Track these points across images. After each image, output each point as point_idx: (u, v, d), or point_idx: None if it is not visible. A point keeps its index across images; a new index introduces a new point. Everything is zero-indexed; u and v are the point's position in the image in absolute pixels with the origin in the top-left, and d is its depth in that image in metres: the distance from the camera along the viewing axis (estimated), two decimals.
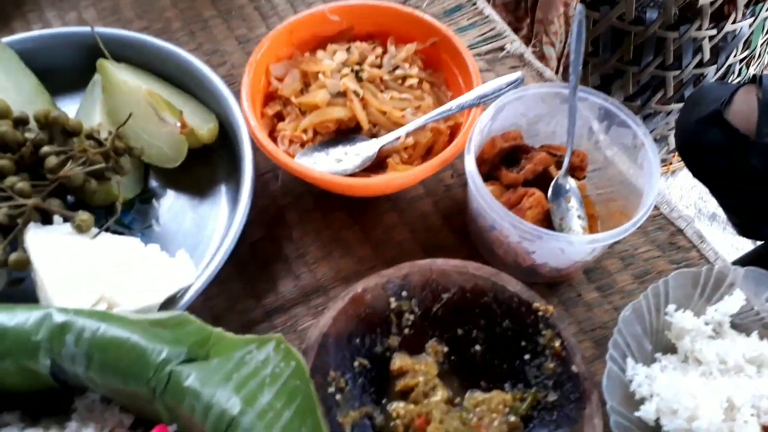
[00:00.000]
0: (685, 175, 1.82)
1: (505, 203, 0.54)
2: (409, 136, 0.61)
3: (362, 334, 0.52)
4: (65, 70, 0.69)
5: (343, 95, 0.62)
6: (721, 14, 1.33)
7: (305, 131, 0.62)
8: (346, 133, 0.63)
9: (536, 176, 0.58)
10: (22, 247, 0.53)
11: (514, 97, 0.58)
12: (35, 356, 0.39)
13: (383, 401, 0.52)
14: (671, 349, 0.54)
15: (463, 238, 0.64)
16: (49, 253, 0.51)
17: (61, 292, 0.49)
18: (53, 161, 0.55)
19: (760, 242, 1.03)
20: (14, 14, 0.81)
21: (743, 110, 0.79)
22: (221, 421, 0.36)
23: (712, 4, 1.29)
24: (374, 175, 0.61)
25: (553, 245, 0.53)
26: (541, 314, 0.52)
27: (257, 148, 0.61)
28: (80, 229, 0.53)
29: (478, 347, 0.54)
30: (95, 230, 0.55)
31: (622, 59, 1.42)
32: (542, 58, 1.32)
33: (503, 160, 0.60)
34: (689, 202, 1.80)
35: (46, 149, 0.55)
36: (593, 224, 0.60)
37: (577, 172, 0.60)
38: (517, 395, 0.52)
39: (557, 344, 0.51)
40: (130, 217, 0.63)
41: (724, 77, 1.47)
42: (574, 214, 0.57)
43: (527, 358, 0.52)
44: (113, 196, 0.59)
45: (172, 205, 0.64)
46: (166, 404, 0.38)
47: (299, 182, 0.66)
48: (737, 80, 1.52)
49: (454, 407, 0.52)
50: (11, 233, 0.53)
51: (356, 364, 0.52)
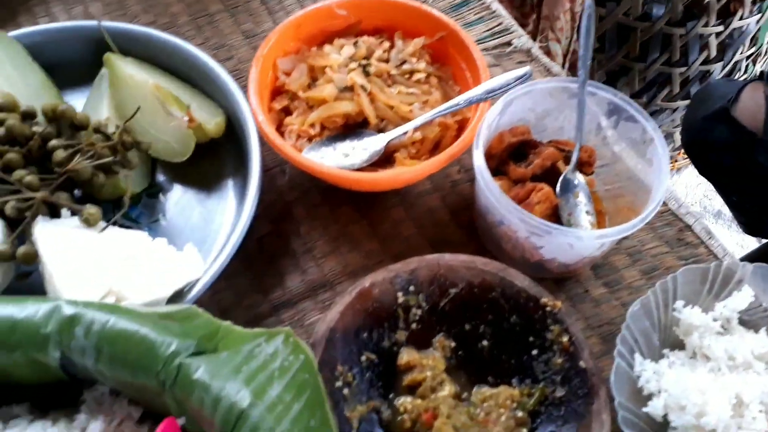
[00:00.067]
0: (690, 172, 1.81)
1: (513, 198, 0.54)
2: (416, 130, 0.61)
3: (370, 328, 0.52)
4: (72, 64, 0.69)
5: (350, 90, 0.62)
6: (727, 11, 1.33)
7: (312, 126, 0.61)
8: (353, 127, 0.63)
9: (544, 171, 0.58)
10: (30, 240, 0.53)
11: (522, 91, 0.58)
12: (45, 348, 0.39)
13: (390, 396, 0.52)
14: (679, 345, 0.53)
15: (470, 233, 0.63)
16: (57, 246, 0.51)
17: (69, 285, 0.49)
18: (61, 155, 0.55)
19: (766, 240, 1.03)
20: (20, 8, 0.81)
21: (750, 107, 0.79)
22: (230, 413, 0.36)
23: (719, 0, 1.29)
24: (382, 169, 0.61)
25: (561, 240, 0.53)
26: (549, 310, 0.51)
27: (264, 142, 0.61)
28: (88, 222, 0.54)
29: (485, 342, 0.53)
30: (103, 224, 0.55)
31: (628, 56, 1.41)
32: (548, 54, 1.32)
33: (511, 155, 0.60)
34: (694, 199, 1.80)
35: (54, 143, 0.55)
36: (601, 220, 0.60)
37: (585, 167, 0.60)
38: (524, 390, 0.51)
39: (565, 340, 0.51)
40: (137, 211, 0.63)
41: (730, 74, 1.47)
42: (582, 209, 0.57)
43: (535, 353, 0.52)
44: (121, 190, 0.59)
45: (179, 199, 0.64)
46: (175, 397, 0.38)
47: (306, 177, 0.66)
48: (744, 77, 1.52)
49: (461, 402, 0.52)
50: (20, 226, 0.53)
51: (363, 358, 0.52)
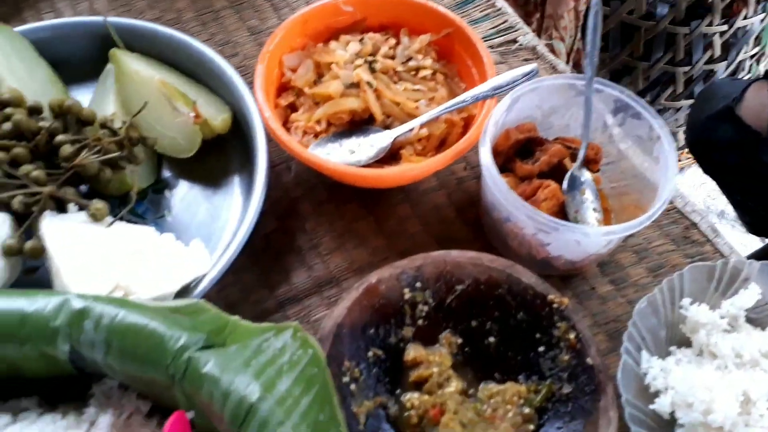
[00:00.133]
0: (693, 172, 1.81)
1: (519, 195, 0.54)
2: (422, 127, 0.61)
3: (376, 324, 0.52)
4: (77, 60, 0.69)
5: (356, 86, 0.62)
6: (731, 10, 1.33)
7: (319, 122, 0.61)
8: (359, 124, 0.63)
9: (551, 168, 0.58)
10: (37, 235, 0.53)
11: (529, 88, 0.58)
12: (54, 342, 0.39)
13: (397, 392, 0.52)
14: (686, 342, 0.53)
15: (476, 230, 0.63)
16: (64, 241, 0.51)
17: (76, 280, 0.49)
18: (68, 150, 0.55)
19: None
20: (25, 4, 0.81)
21: (755, 106, 0.79)
22: (240, 407, 0.36)
23: None
24: (387, 166, 0.60)
25: (568, 237, 0.53)
26: (555, 306, 0.51)
27: (270, 139, 0.61)
28: (95, 217, 0.54)
29: (492, 339, 0.53)
30: (110, 219, 0.55)
31: (631, 55, 1.41)
32: (552, 53, 1.32)
33: (517, 152, 0.60)
34: (698, 199, 1.80)
35: (60, 138, 0.55)
36: (607, 217, 0.60)
37: (591, 164, 0.60)
38: (531, 387, 0.51)
39: (572, 336, 0.50)
40: (143, 206, 0.63)
41: (734, 73, 1.47)
42: (589, 206, 0.57)
43: (542, 350, 0.52)
44: (127, 185, 0.59)
45: (185, 195, 0.64)
46: (184, 391, 0.38)
47: (312, 174, 0.66)
48: (747, 77, 1.52)
49: (468, 398, 0.51)
50: (27, 221, 0.53)
51: (370, 354, 0.52)
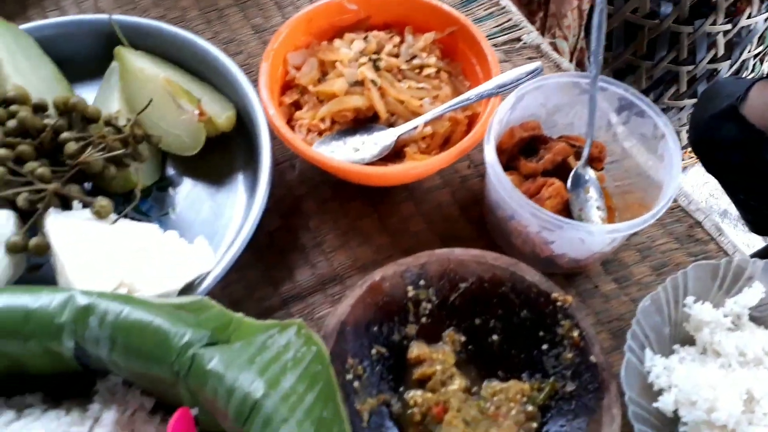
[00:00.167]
0: (696, 171, 1.81)
1: (524, 193, 0.54)
2: (426, 125, 0.60)
3: (380, 322, 0.52)
4: (82, 57, 0.69)
5: (360, 84, 0.62)
6: (736, 9, 1.32)
7: (323, 120, 0.61)
8: (363, 122, 0.63)
9: (555, 167, 0.58)
10: (42, 232, 0.53)
11: (533, 86, 0.58)
12: (59, 338, 0.39)
13: (401, 389, 0.52)
14: (689, 340, 0.53)
15: (480, 229, 0.63)
16: (69, 238, 0.51)
17: (81, 277, 0.49)
18: (73, 147, 0.55)
19: None
20: (30, 2, 0.81)
21: (759, 105, 0.79)
22: (244, 404, 0.36)
23: None
24: (392, 164, 0.60)
25: (573, 235, 0.53)
26: (559, 304, 0.51)
27: (275, 136, 0.61)
28: (99, 214, 0.54)
29: (495, 337, 0.53)
30: (114, 216, 0.55)
31: (635, 54, 1.41)
32: (555, 51, 1.32)
33: (521, 150, 0.60)
34: (700, 198, 1.80)
35: (65, 135, 0.56)
36: (611, 216, 0.60)
37: (595, 163, 0.60)
38: (534, 385, 0.51)
39: (576, 334, 0.50)
40: (147, 204, 0.63)
41: (737, 73, 1.47)
42: (593, 204, 0.57)
43: (545, 348, 0.52)
44: (131, 182, 0.59)
45: (189, 193, 0.64)
46: (189, 387, 0.38)
47: (316, 172, 0.66)
48: (751, 76, 1.51)
49: (471, 396, 0.51)
50: (32, 218, 0.53)
51: (374, 351, 0.52)
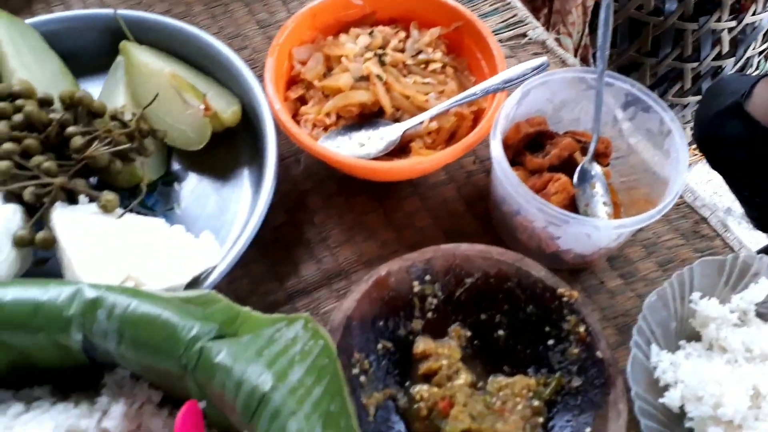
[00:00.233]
0: (699, 169, 1.80)
1: (530, 188, 0.54)
2: (432, 120, 0.60)
3: (386, 317, 0.52)
4: (87, 52, 0.69)
5: (366, 79, 0.62)
6: (740, 6, 1.32)
7: (328, 115, 0.61)
8: (369, 117, 0.63)
9: (561, 162, 0.58)
10: (48, 226, 0.53)
11: (539, 81, 0.57)
12: (67, 331, 0.39)
13: (406, 384, 0.52)
14: (696, 336, 0.53)
15: (485, 224, 0.63)
16: (75, 232, 0.51)
17: (88, 271, 0.49)
18: (79, 141, 0.55)
19: None
20: None
21: (763, 102, 0.79)
22: (252, 397, 0.36)
23: None
24: (397, 159, 0.60)
25: (579, 230, 0.53)
26: (565, 300, 0.51)
27: (280, 132, 0.61)
28: (105, 209, 0.54)
29: (501, 332, 0.53)
30: (120, 210, 0.55)
31: (639, 51, 1.41)
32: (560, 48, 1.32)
33: (527, 145, 0.60)
34: (704, 196, 1.80)
35: (71, 129, 0.56)
36: (617, 211, 0.60)
37: (601, 158, 0.60)
38: (540, 380, 0.51)
39: (582, 330, 0.50)
40: (152, 199, 0.63)
41: (742, 70, 1.46)
42: (599, 200, 0.57)
43: (551, 343, 0.52)
44: (137, 177, 0.59)
45: (194, 188, 0.64)
46: (196, 381, 0.38)
47: (321, 167, 0.66)
48: (756, 73, 1.51)
49: (477, 391, 0.52)
50: (38, 212, 0.53)
51: (380, 346, 0.52)
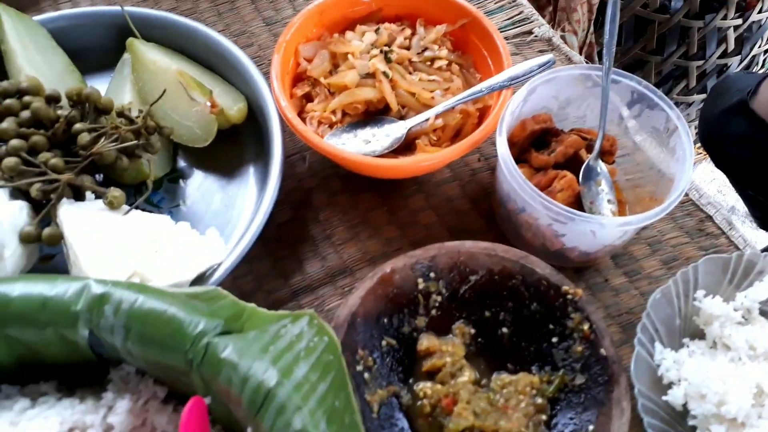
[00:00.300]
0: (704, 168, 1.80)
1: (535, 186, 0.54)
2: (438, 117, 0.60)
3: (390, 314, 0.53)
4: (94, 49, 0.69)
5: (372, 76, 0.62)
6: (746, 4, 1.32)
7: (334, 112, 0.61)
8: (374, 114, 0.63)
9: (566, 159, 0.58)
10: (55, 222, 0.53)
11: (545, 79, 0.57)
12: (74, 326, 0.39)
13: (410, 381, 0.52)
14: (699, 334, 0.53)
15: (490, 222, 0.63)
16: (82, 228, 0.52)
17: (95, 267, 0.49)
18: (86, 138, 0.55)
19: None
20: None
21: None
22: (258, 392, 0.37)
23: None
24: (402, 156, 0.60)
25: (584, 228, 0.53)
26: (569, 297, 0.51)
27: (285, 129, 0.61)
28: (112, 205, 0.54)
29: (505, 330, 0.54)
30: (126, 207, 0.55)
31: (644, 49, 1.40)
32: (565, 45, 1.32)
33: (532, 143, 0.60)
34: (708, 194, 1.79)
35: (78, 126, 0.56)
36: (622, 209, 0.60)
37: (606, 156, 0.60)
38: (544, 377, 0.51)
39: (586, 327, 0.50)
40: (158, 196, 0.63)
41: (747, 68, 1.46)
42: (604, 197, 0.57)
43: (555, 340, 0.52)
44: (143, 174, 0.60)
45: (200, 185, 0.64)
46: (202, 376, 0.39)
47: (326, 164, 0.66)
48: (761, 71, 1.50)
49: (480, 388, 0.52)
50: (45, 208, 0.53)
51: (384, 343, 0.52)
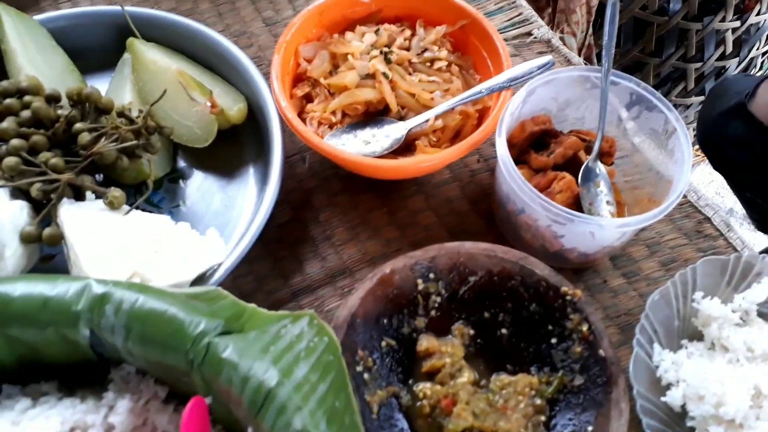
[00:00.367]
0: (701, 170, 1.80)
1: (534, 187, 0.54)
2: (437, 118, 0.61)
3: (389, 314, 0.53)
4: (94, 49, 0.69)
5: (371, 77, 0.62)
6: (744, 6, 1.32)
7: (334, 113, 0.61)
8: (374, 115, 0.63)
9: (565, 161, 0.58)
10: (55, 222, 0.53)
11: (544, 80, 0.58)
12: (76, 326, 0.39)
13: (410, 382, 0.52)
14: (698, 336, 0.54)
15: (489, 223, 0.64)
16: (82, 228, 0.52)
17: (95, 267, 0.49)
18: (86, 137, 0.55)
19: None
20: None
21: (767, 103, 0.78)
22: (258, 392, 0.37)
23: None
24: (402, 157, 0.60)
25: (583, 229, 0.53)
26: (568, 298, 0.51)
27: (285, 129, 0.61)
28: (112, 205, 0.54)
29: (504, 330, 0.54)
30: (126, 207, 0.55)
31: (643, 50, 1.41)
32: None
33: (532, 144, 0.60)
34: (706, 196, 1.80)
35: (79, 126, 0.56)
36: (620, 211, 0.60)
37: (605, 157, 0.60)
38: (543, 378, 0.52)
39: (585, 328, 0.51)
40: (158, 196, 0.63)
41: (745, 70, 1.46)
42: (603, 199, 0.57)
43: (554, 341, 0.52)
44: (144, 174, 0.60)
45: (200, 185, 0.64)
46: (203, 376, 0.39)
47: (326, 165, 0.66)
48: (760, 73, 1.51)
49: (480, 389, 0.52)
50: (45, 208, 0.53)
51: (383, 344, 0.52)
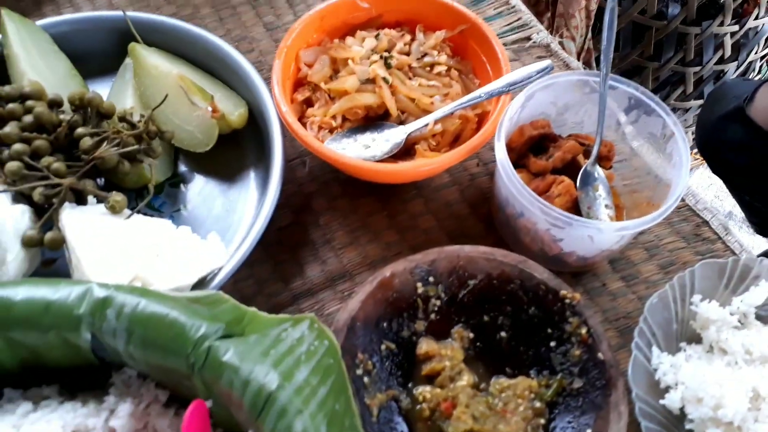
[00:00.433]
0: (701, 173, 1.81)
1: (533, 191, 0.54)
2: (437, 123, 0.61)
3: (389, 318, 0.53)
4: (96, 54, 0.70)
5: (372, 82, 0.62)
6: (743, 10, 1.33)
7: (334, 117, 0.62)
8: (374, 119, 0.63)
9: (564, 165, 0.59)
10: (57, 226, 0.54)
11: (543, 85, 0.58)
12: (77, 330, 0.39)
13: (409, 385, 0.52)
14: (696, 338, 0.54)
15: (488, 227, 0.64)
16: (84, 232, 0.52)
17: (97, 271, 0.50)
18: (88, 142, 0.55)
19: None
20: None
21: (766, 107, 0.79)
22: (259, 395, 0.37)
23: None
24: (402, 161, 0.61)
25: (581, 233, 0.53)
26: (567, 302, 0.52)
27: (285, 134, 0.61)
28: (114, 209, 0.54)
29: (504, 334, 0.54)
30: (128, 211, 0.56)
31: (642, 55, 1.41)
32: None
33: (531, 148, 0.60)
34: (705, 200, 1.80)
35: (81, 130, 0.56)
36: (619, 214, 0.60)
37: (604, 161, 0.60)
38: (542, 381, 0.52)
39: (584, 332, 0.51)
40: (159, 200, 0.63)
41: (744, 74, 1.47)
42: (601, 202, 0.57)
43: (553, 345, 0.52)
44: (145, 178, 0.60)
45: (201, 189, 0.64)
46: (204, 380, 0.39)
47: (326, 169, 0.67)
48: (758, 78, 1.51)
49: (479, 392, 0.52)
50: (47, 213, 0.53)
51: (383, 347, 0.52)
